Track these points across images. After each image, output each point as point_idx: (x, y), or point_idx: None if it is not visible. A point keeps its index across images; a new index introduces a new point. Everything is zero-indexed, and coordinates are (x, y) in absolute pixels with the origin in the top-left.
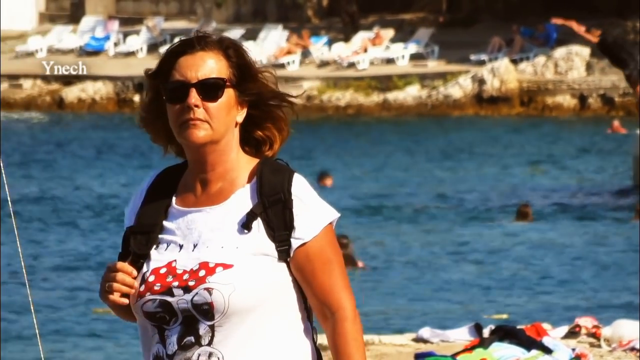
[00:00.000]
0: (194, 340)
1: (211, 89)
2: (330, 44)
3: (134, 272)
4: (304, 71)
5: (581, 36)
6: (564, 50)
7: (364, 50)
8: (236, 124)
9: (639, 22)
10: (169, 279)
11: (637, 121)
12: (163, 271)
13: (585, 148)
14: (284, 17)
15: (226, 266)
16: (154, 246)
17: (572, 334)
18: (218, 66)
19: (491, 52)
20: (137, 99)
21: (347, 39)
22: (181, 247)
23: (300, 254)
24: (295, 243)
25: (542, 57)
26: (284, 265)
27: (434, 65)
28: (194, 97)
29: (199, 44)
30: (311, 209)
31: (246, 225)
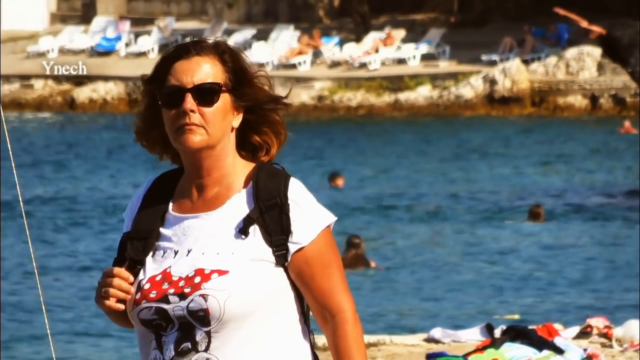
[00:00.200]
0: (190, 346)
1: (207, 94)
2: (341, 44)
3: (131, 278)
4: (315, 71)
5: (586, 30)
6: (575, 51)
7: (376, 51)
8: (232, 128)
9: None
10: (165, 285)
11: None
12: (159, 278)
13: (596, 148)
14: (295, 18)
15: (222, 272)
16: (150, 252)
17: (584, 334)
18: (214, 71)
19: (502, 53)
20: None
21: (358, 39)
22: (176, 253)
23: (298, 258)
24: (293, 247)
25: (554, 57)
26: (281, 270)
27: (445, 66)
28: (190, 102)
29: (194, 49)
30: (308, 213)
31: (243, 231)
